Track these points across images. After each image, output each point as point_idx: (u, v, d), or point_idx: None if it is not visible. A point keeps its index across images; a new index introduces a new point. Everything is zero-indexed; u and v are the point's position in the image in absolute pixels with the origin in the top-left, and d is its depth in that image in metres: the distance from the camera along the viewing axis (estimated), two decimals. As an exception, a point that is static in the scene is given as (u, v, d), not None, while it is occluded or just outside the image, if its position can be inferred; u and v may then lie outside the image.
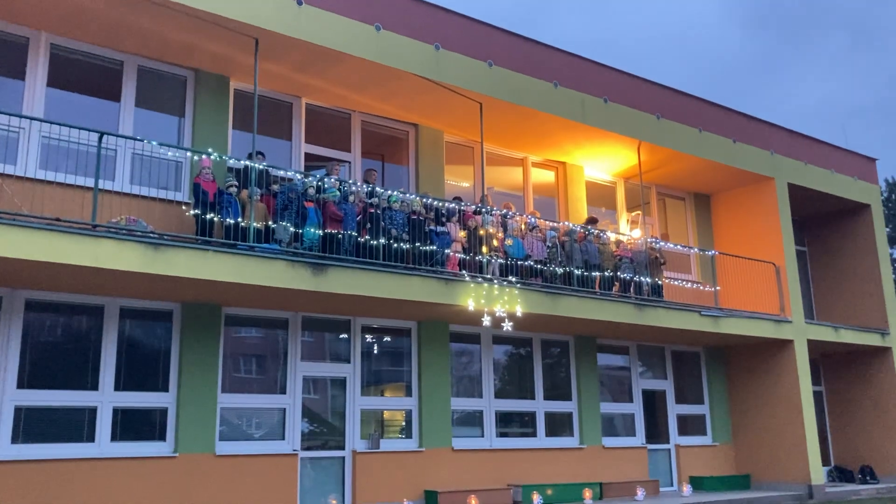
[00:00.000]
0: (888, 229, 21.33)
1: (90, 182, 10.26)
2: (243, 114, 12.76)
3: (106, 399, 10.92)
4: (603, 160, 16.99)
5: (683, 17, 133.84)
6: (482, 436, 14.55)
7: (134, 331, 11.49)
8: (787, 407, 17.38)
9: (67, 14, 10.81)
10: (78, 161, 10.39)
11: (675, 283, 16.81)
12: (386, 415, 13.82)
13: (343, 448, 12.87)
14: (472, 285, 12.36)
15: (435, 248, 12.50)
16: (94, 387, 10.89)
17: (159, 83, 12.27)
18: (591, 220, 15.92)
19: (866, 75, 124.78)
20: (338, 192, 11.81)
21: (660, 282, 15.79)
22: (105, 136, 10.09)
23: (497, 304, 12.47)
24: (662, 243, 16.35)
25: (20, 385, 10.37)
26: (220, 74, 12.57)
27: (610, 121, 15.40)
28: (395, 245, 12.01)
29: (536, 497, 13.56)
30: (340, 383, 13.13)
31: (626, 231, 17.30)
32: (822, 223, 21.34)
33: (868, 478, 19.11)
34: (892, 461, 19.18)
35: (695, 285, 17.43)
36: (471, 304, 12.25)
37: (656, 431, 17.33)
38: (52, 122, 9.84)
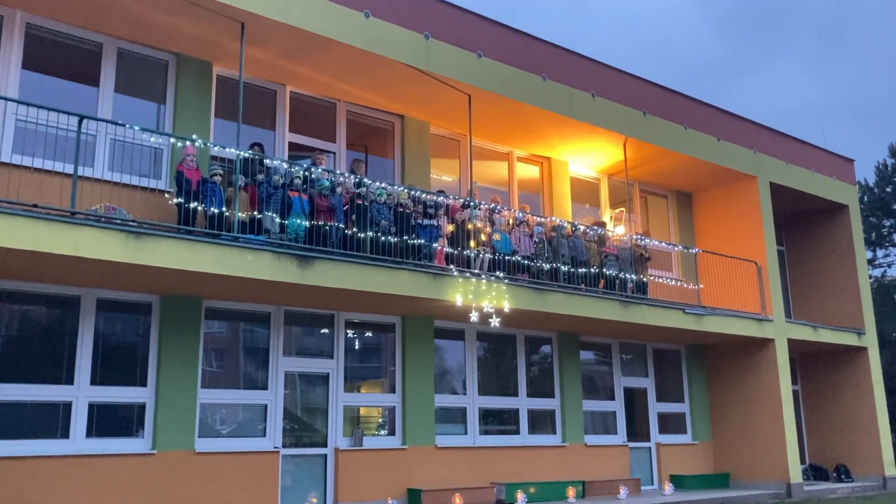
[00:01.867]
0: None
1: (68, 168, 9.85)
2: (226, 101, 12.40)
3: (81, 394, 10.50)
4: (588, 156, 16.86)
5: (655, 14, 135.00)
6: (465, 433, 14.33)
7: (111, 323, 11.08)
8: (767, 406, 17.40)
9: (45, -8, 10.38)
10: (56, 146, 9.95)
11: (659, 280, 16.74)
12: (369, 412, 13.54)
13: (325, 445, 12.57)
14: (459, 280, 12.14)
15: (423, 241, 12.24)
16: (70, 381, 10.47)
17: (140, 67, 11.85)
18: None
19: (834, 76, 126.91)
20: (328, 184, 11.49)
21: (645, 279, 15.70)
22: (85, 121, 9.69)
23: (485, 299, 12.26)
24: (647, 240, 16.26)
25: (-9, 379, 9.94)
26: (203, 59, 12.18)
27: (597, 115, 15.26)
28: (383, 238, 11.74)
29: (520, 495, 13.39)
30: (323, 379, 12.82)
31: (611, 227, 17.19)
32: (800, 223, 21.44)
33: (843, 476, 19.25)
34: (866, 460, 19.34)
35: (678, 283, 17.37)
36: (459, 300, 12.02)
37: (637, 429, 17.26)
38: (29, 104, 9.37)
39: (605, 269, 14.82)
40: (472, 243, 12.80)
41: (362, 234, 11.55)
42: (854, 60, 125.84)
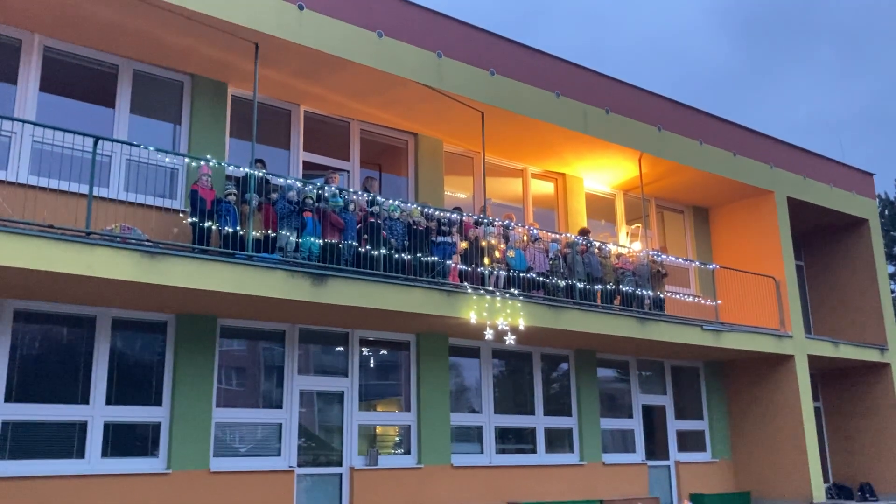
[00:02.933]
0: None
1: (84, 189, 9.92)
2: (240, 121, 12.47)
3: (97, 413, 10.53)
4: (603, 172, 16.81)
5: (673, 27, 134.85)
6: (481, 452, 14.22)
7: (126, 342, 11.12)
8: (788, 423, 17.16)
9: (62, 15, 10.50)
10: (72, 167, 10.05)
11: (676, 296, 16.60)
12: (385, 430, 13.48)
13: (340, 464, 12.51)
14: (474, 297, 12.09)
15: (437, 259, 12.22)
16: (85, 400, 10.50)
17: (155, 88, 11.97)
18: (584, 232, 15.62)
19: (854, 88, 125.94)
20: (341, 202, 11.52)
21: (661, 295, 15.57)
22: (101, 142, 9.79)
23: (499, 316, 12.19)
24: (664, 256, 16.14)
25: (7, 398, 9.97)
26: (218, 80, 12.28)
27: (611, 132, 15.22)
28: (396, 256, 11.73)
29: (537, 515, 13.26)
30: (338, 397, 12.79)
31: (627, 244, 17.10)
32: (819, 238, 21.22)
33: (868, 495, 18.90)
34: (891, 479, 18.98)
35: (695, 299, 17.22)
36: (473, 317, 11.97)
37: (656, 447, 17.06)
38: (45, 126, 9.49)
39: (621, 286, 14.70)
40: (486, 260, 12.76)
41: (375, 252, 11.54)
42: (874, 73, 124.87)
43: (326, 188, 11.55)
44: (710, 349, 16.17)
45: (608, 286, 14.53)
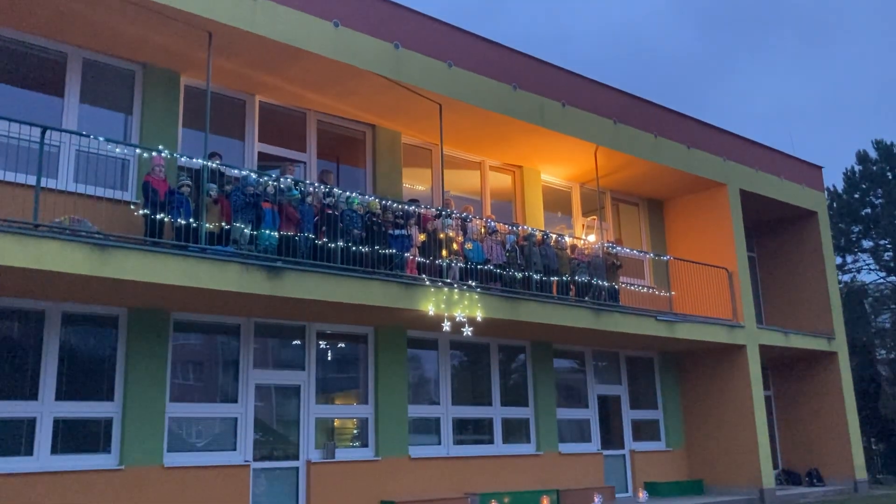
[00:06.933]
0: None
1: (31, 180, 9.67)
2: (194, 111, 12.26)
3: (46, 409, 10.30)
4: (559, 164, 16.91)
5: (636, 13, 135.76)
6: (439, 443, 14.26)
7: (77, 337, 10.90)
8: (739, 412, 17.51)
9: (7, 1, 10.19)
10: (19, 157, 9.77)
11: (631, 287, 16.80)
12: (343, 423, 13.43)
13: (297, 458, 12.43)
14: (431, 289, 12.09)
15: (394, 251, 12.18)
16: (34, 396, 10.27)
17: (106, 77, 11.70)
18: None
19: (813, 78, 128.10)
20: (297, 194, 11.40)
21: (616, 286, 15.74)
22: (48, 132, 9.54)
23: (457, 308, 12.21)
24: (618, 248, 16.31)
25: (-48, 395, 9.72)
26: (171, 69, 12.05)
27: (567, 125, 15.30)
28: (354, 248, 11.66)
29: (495, 505, 13.34)
30: (294, 391, 12.70)
31: (582, 235, 17.24)
32: (770, 230, 21.64)
33: (815, 481, 19.42)
34: (837, 464, 19.52)
35: (650, 290, 17.44)
36: (431, 310, 11.97)
37: (611, 437, 17.28)
38: (-10, 115, 9.22)
39: (576, 277, 14.82)
40: (444, 252, 12.76)
41: (332, 245, 11.46)
42: (833, 62, 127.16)
43: (283, 180, 11.42)
44: (664, 339, 16.41)
45: (564, 278, 14.63)
